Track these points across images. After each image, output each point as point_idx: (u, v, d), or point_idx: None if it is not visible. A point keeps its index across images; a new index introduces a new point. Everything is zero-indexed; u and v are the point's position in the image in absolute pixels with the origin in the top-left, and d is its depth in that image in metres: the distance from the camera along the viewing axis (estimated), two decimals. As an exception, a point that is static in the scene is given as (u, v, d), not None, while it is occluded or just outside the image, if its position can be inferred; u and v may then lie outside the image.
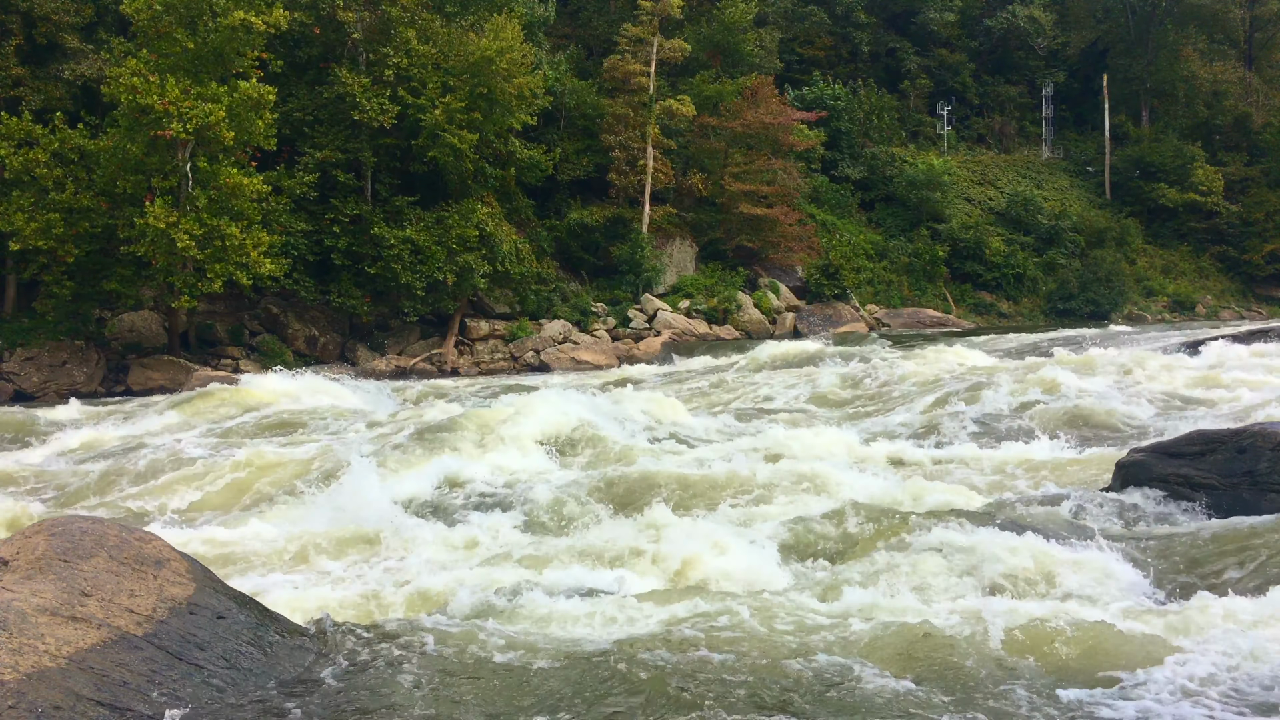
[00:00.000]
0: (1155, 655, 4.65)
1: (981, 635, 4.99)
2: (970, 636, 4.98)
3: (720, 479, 9.11)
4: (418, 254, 27.80)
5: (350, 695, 4.40)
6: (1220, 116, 51.50)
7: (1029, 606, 5.43)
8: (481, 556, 7.37)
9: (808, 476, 9.05)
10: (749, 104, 36.51)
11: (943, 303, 41.49)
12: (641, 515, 7.97)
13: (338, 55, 29.52)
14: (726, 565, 6.76)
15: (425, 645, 4.97)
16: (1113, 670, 4.57)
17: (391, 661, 4.76)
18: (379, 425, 13.74)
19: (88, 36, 27.26)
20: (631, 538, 7.39)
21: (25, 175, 23.08)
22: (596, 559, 6.97)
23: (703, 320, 33.48)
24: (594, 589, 6.12)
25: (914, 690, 4.43)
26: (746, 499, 8.60)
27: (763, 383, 18.34)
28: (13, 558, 4.58)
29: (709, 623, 5.31)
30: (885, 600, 5.70)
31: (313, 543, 7.70)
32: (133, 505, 10.09)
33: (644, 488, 8.97)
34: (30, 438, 14.68)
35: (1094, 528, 7.04)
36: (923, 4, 51.65)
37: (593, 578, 6.45)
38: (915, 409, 13.59)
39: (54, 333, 24.52)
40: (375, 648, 4.92)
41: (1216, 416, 11.28)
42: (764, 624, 5.27)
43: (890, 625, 5.15)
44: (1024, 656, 4.79)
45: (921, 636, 4.98)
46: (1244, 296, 48.58)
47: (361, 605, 6.33)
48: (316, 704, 4.28)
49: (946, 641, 4.94)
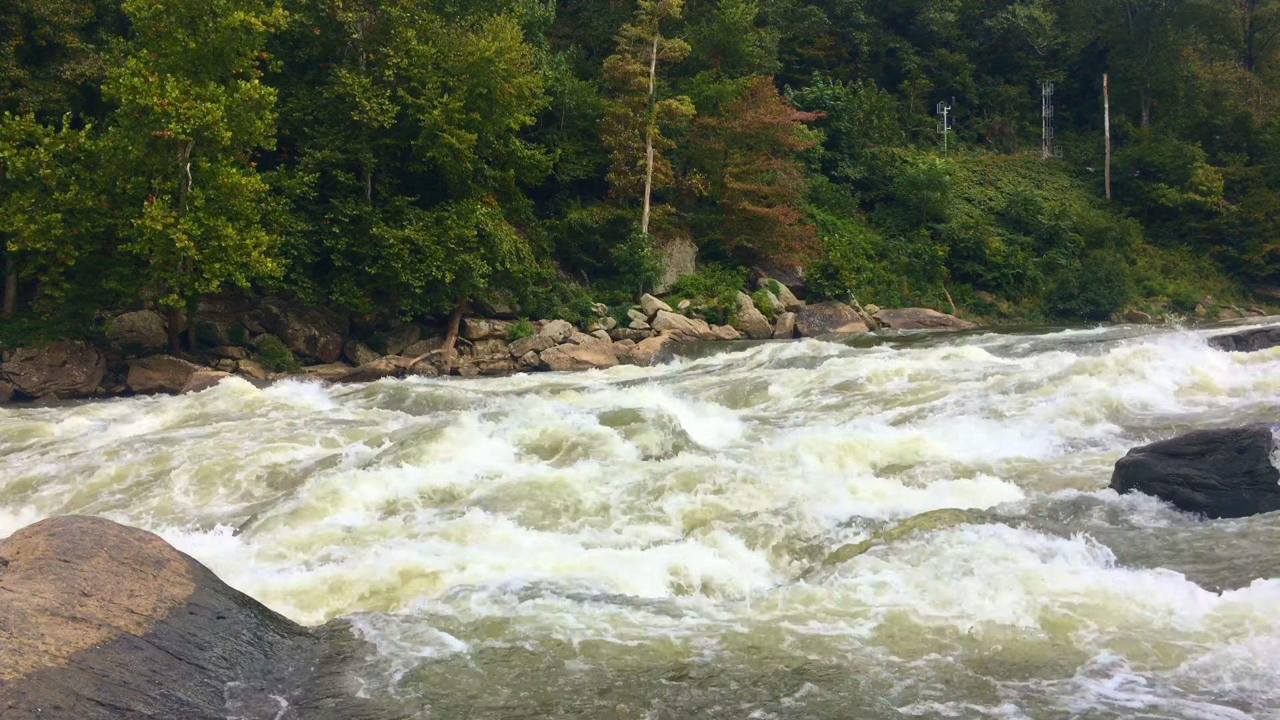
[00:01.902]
0: (1156, 655, 4.66)
1: (977, 635, 4.99)
2: (968, 636, 4.99)
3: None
4: (417, 254, 27.82)
5: (351, 695, 4.40)
6: (1220, 116, 51.51)
7: (1027, 606, 5.43)
8: (497, 554, 7.36)
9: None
10: (749, 104, 36.53)
11: (943, 303, 41.50)
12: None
13: (338, 55, 29.54)
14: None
15: (430, 643, 4.97)
16: (1109, 669, 4.58)
17: (394, 661, 4.76)
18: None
19: (88, 36, 27.27)
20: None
21: (28, 176, 23.08)
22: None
23: (703, 320, 33.49)
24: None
25: (914, 691, 4.44)
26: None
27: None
28: (13, 558, 4.58)
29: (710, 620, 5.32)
30: (882, 601, 5.69)
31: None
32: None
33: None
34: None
35: (1093, 527, 7.05)
36: (923, 4, 51.67)
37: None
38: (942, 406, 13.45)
39: (54, 333, 24.53)
40: (377, 646, 4.92)
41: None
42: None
43: (889, 625, 5.15)
44: (1022, 656, 4.79)
45: (921, 637, 4.98)
46: (1244, 296, 48.58)
47: (362, 601, 6.33)
48: (317, 705, 4.28)
49: (943, 641, 4.94)
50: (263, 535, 8.41)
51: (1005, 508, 7.84)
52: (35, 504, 10.51)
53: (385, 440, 11.97)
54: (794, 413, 15.02)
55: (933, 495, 8.78)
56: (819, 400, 15.97)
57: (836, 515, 7.96)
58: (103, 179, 23.49)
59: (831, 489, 8.86)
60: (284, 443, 12.46)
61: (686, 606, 5.72)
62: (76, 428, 15.52)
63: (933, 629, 5.09)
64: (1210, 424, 10.69)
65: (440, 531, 7.90)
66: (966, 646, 4.90)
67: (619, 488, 9.13)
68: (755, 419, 14.63)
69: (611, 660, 4.80)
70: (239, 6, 23.95)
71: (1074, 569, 5.94)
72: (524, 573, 6.42)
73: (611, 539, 7.92)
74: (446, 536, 7.73)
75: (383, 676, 4.61)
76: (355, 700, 4.35)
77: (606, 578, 6.51)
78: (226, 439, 12.86)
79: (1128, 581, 5.49)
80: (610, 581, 6.41)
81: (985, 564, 6.05)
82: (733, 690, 4.44)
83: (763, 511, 8.18)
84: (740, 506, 8.51)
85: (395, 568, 6.77)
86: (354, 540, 7.83)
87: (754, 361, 23.37)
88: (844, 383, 16.65)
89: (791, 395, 16.73)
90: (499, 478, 9.92)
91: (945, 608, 5.39)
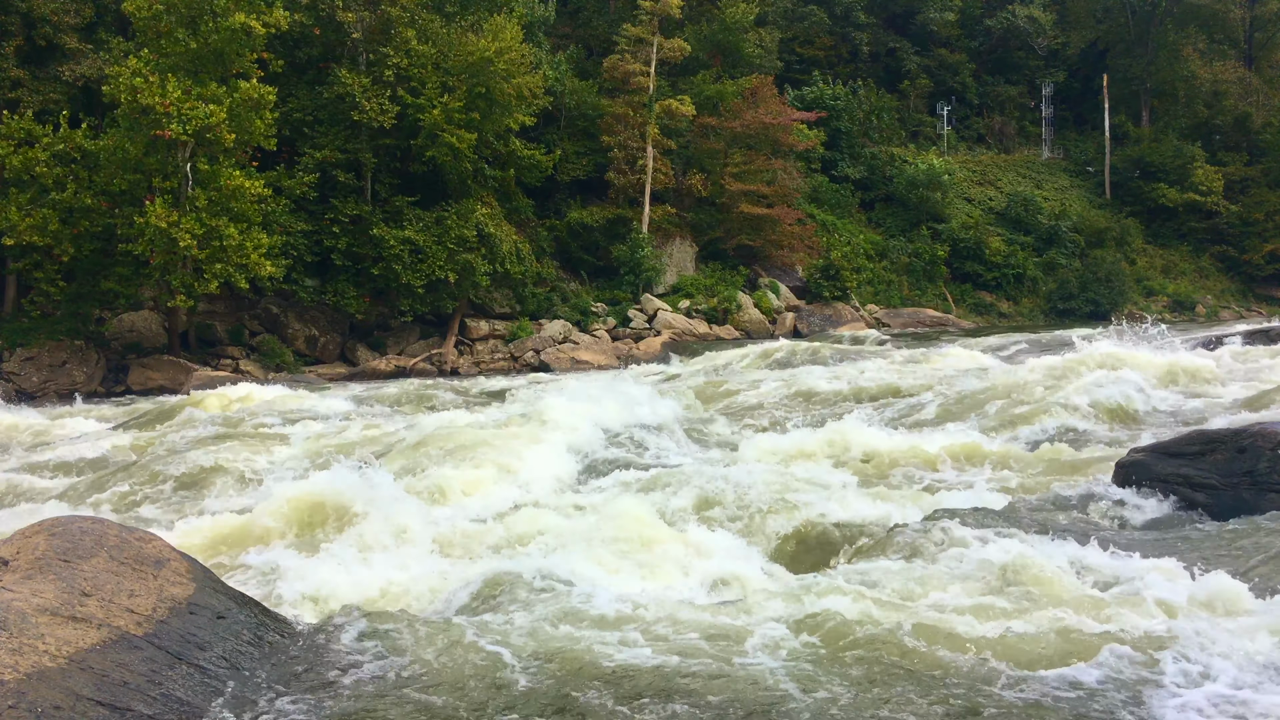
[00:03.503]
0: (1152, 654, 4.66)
1: (972, 636, 4.99)
2: (965, 636, 4.99)
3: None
4: (417, 254, 27.82)
5: (353, 695, 4.40)
6: (1220, 116, 51.51)
7: (1024, 606, 5.43)
8: (500, 553, 7.38)
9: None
10: (749, 104, 36.53)
11: (943, 303, 41.50)
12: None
13: (338, 55, 29.53)
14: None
15: (430, 643, 4.96)
16: (1107, 668, 4.57)
17: (395, 660, 4.76)
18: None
19: (88, 36, 27.26)
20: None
21: (25, 174, 23.09)
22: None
23: (703, 320, 33.49)
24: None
25: (914, 689, 4.44)
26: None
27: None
28: (13, 558, 4.58)
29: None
30: (878, 601, 5.69)
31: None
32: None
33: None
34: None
35: (1092, 526, 7.05)
36: (923, 4, 51.67)
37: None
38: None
39: (54, 333, 24.52)
40: (378, 646, 4.91)
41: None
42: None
43: (886, 626, 5.14)
44: (1017, 656, 4.79)
45: (917, 636, 4.98)
46: (1244, 296, 48.59)
47: (364, 600, 6.32)
48: (317, 704, 4.27)
49: (938, 641, 4.94)
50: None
51: (1006, 507, 7.84)
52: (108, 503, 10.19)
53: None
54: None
55: (933, 494, 8.78)
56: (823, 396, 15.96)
57: (837, 514, 7.96)
58: (101, 178, 23.48)
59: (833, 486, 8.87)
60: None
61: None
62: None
63: (940, 629, 5.08)
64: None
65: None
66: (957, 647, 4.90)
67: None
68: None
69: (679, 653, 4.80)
70: (240, 7, 23.94)
71: (1074, 569, 5.94)
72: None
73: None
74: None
75: (386, 676, 4.60)
76: (358, 701, 4.35)
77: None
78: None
79: (1130, 582, 5.49)
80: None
81: (986, 564, 6.05)
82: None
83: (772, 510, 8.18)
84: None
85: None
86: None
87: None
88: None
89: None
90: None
91: (939, 608, 5.38)
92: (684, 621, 5.32)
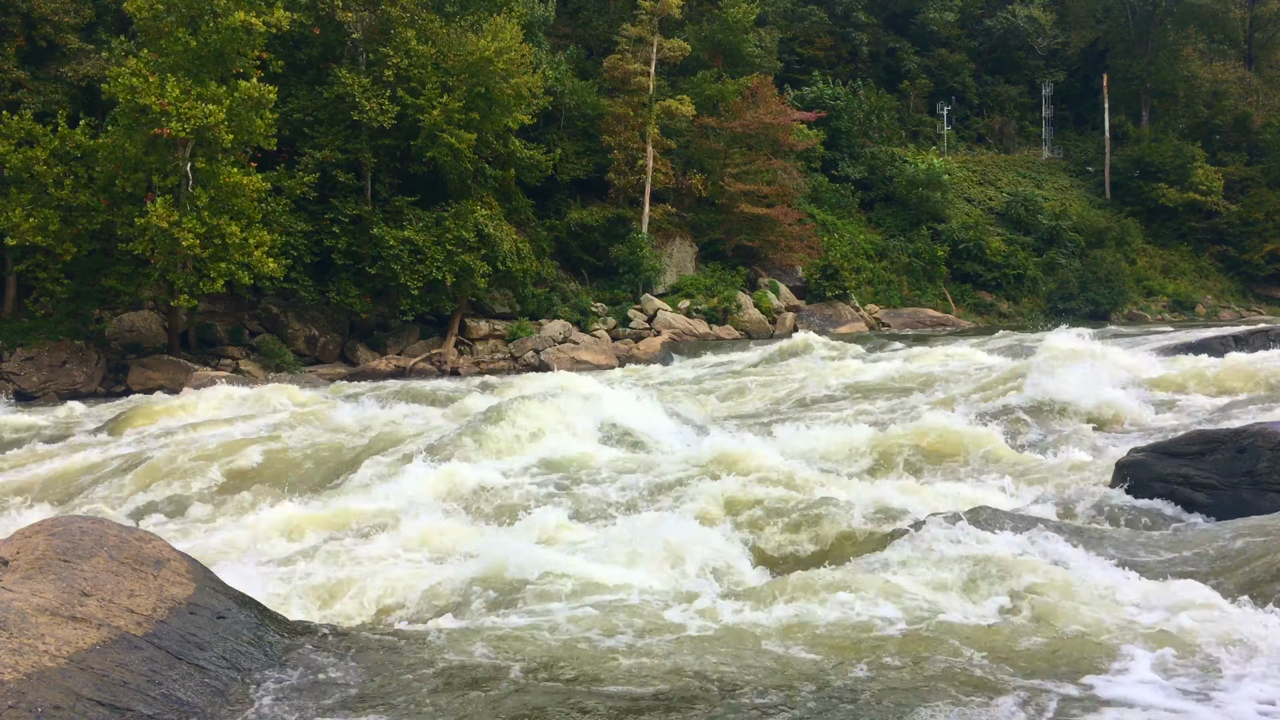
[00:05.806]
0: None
1: (971, 635, 5.00)
2: (963, 636, 4.99)
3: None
4: (417, 254, 27.83)
5: (353, 696, 4.39)
6: (1220, 116, 51.54)
7: (1022, 605, 5.43)
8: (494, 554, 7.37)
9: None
10: (749, 104, 36.55)
11: (943, 303, 41.52)
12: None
13: (338, 55, 29.54)
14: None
15: (431, 644, 4.96)
16: (1108, 668, 4.57)
17: (397, 661, 4.76)
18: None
19: (88, 36, 27.27)
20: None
21: (24, 173, 23.11)
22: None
23: (703, 320, 33.50)
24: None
25: (913, 689, 4.44)
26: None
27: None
28: (13, 558, 4.58)
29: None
30: (876, 600, 5.69)
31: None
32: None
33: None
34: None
35: (1092, 525, 7.05)
36: (923, 4, 51.71)
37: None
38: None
39: (54, 333, 24.54)
40: (379, 647, 4.91)
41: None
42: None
43: (885, 626, 5.15)
44: (1016, 657, 4.79)
45: (916, 636, 4.98)
46: (1244, 296, 48.62)
47: (366, 600, 6.32)
48: (318, 705, 4.27)
49: (936, 641, 4.94)
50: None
51: (1005, 506, 7.84)
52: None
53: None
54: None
55: (931, 493, 8.77)
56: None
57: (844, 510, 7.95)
58: (101, 177, 23.50)
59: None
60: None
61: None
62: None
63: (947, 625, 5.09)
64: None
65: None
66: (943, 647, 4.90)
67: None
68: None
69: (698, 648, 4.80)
70: (240, 6, 23.95)
71: (1074, 569, 5.94)
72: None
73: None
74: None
75: (387, 676, 4.60)
76: (359, 701, 4.35)
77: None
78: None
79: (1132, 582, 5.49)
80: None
81: (984, 562, 6.05)
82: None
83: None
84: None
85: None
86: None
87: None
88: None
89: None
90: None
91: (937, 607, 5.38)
92: (683, 621, 5.33)
